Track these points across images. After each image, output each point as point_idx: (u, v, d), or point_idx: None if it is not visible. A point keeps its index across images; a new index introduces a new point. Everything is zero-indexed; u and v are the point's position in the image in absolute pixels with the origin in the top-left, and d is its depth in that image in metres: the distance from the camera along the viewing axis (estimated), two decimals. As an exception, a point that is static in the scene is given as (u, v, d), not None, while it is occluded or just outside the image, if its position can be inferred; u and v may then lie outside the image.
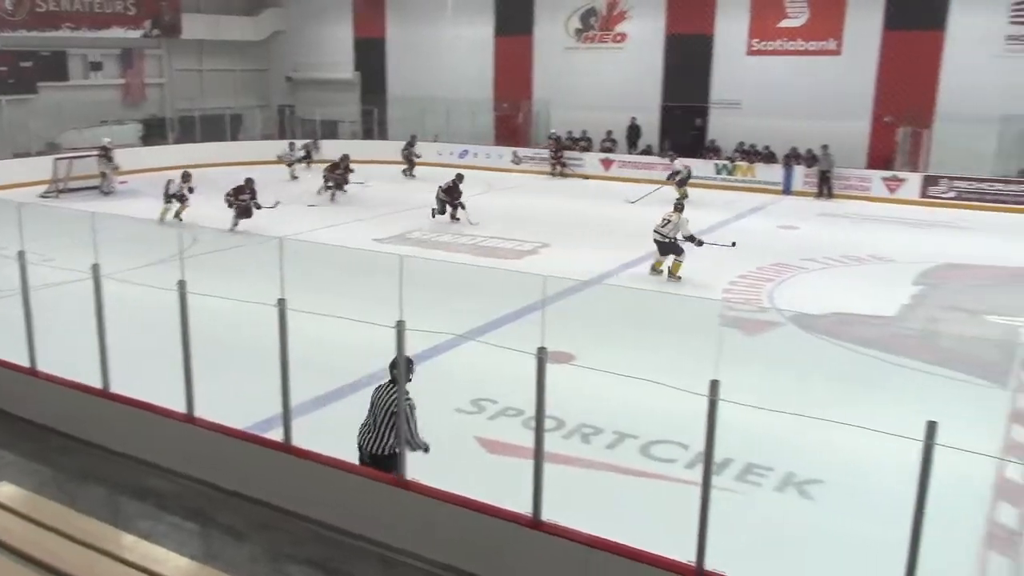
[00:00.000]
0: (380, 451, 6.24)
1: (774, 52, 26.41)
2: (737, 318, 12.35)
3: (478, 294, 13.05)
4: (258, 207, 17.59)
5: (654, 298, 12.89)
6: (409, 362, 6.11)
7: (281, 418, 6.43)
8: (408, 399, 6.10)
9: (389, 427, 6.17)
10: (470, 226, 18.49)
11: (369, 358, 9.12)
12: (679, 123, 27.90)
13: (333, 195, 22.15)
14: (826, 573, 6.12)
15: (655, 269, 14.64)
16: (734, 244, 14.65)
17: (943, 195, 22.82)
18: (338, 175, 22.27)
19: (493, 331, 11.03)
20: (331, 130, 31.37)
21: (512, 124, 30.64)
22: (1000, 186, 22.58)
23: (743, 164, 25.61)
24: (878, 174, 23.96)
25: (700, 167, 25.77)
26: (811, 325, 11.91)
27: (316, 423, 7.76)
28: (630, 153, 28.05)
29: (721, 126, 27.19)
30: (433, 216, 18.99)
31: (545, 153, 28.48)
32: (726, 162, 25.94)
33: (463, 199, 19.07)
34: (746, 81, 26.67)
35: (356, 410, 6.58)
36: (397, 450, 6.05)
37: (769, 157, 25.51)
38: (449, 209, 19.08)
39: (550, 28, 29.90)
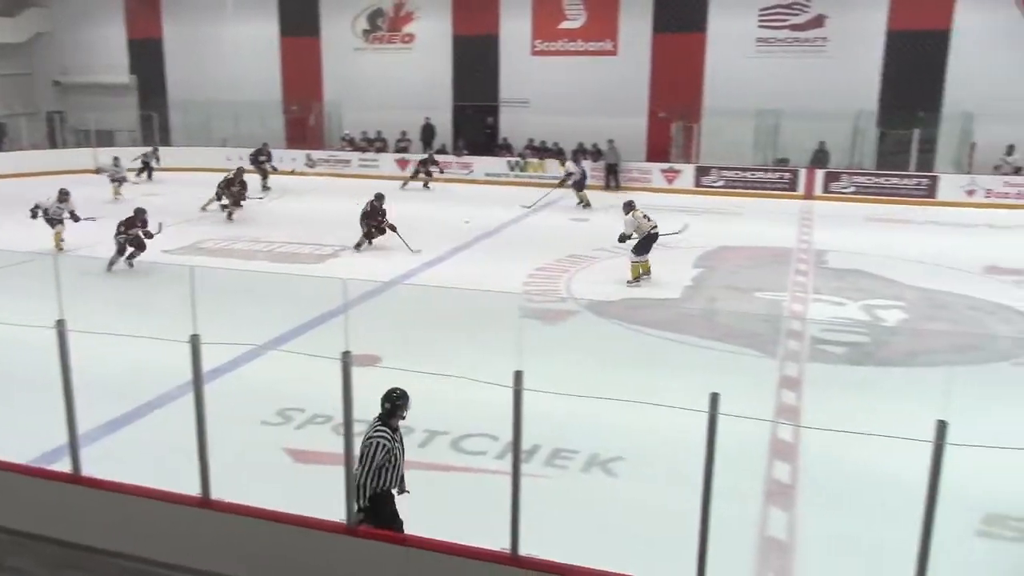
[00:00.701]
0: (365, 495, 5.59)
1: (557, 53, 27.36)
2: (537, 309, 12.71)
3: (278, 301, 12.68)
4: (150, 236, 14.74)
5: (456, 295, 13.02)
6: (402, 396, 5.65)
7: (68, 447, 5.97)
8: (382, 436, 5.56)
9: (370, 467, 5.55)
10: (411, 253, 15.85)
11: (163, 377, 8.68)
12: (472, 122, 28.36)
13: (230, 214, 19.43)
14: (633, 543, 6.43)
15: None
16: (680, 231, 15.08)
17: (714, 184, 24.54)
18: (235, 191, 19.62)
19: (296, 338, 10.76)
20: (107, 138, 29.33)
21: (304, 127, 29.95)
22: (760, 174, 24.62)
23: (534, 160, 26.37)
24: (657, 166, 25.43)
25: (494, 165, 26.43)
26: (605, 311, 12.48)
27: (108, 449, 7.26)
28: (425, 153, 28.16)
29: (512, 124, 27.88)
30: (359, 248, 16.36)
31: (341, 155, 28.12)
32: (518, 159, 26.61)
33: (390, 220, 16.47)
34: (533, 80, 27.50)
35: (150, 433, 6.22)
36: (379, 490, 5.57)
37: (558, 153, 26.42)
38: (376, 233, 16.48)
39: (337, 29, 29.45)
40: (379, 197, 16.68)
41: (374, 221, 16.41)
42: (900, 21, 24.13)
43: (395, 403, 5.66)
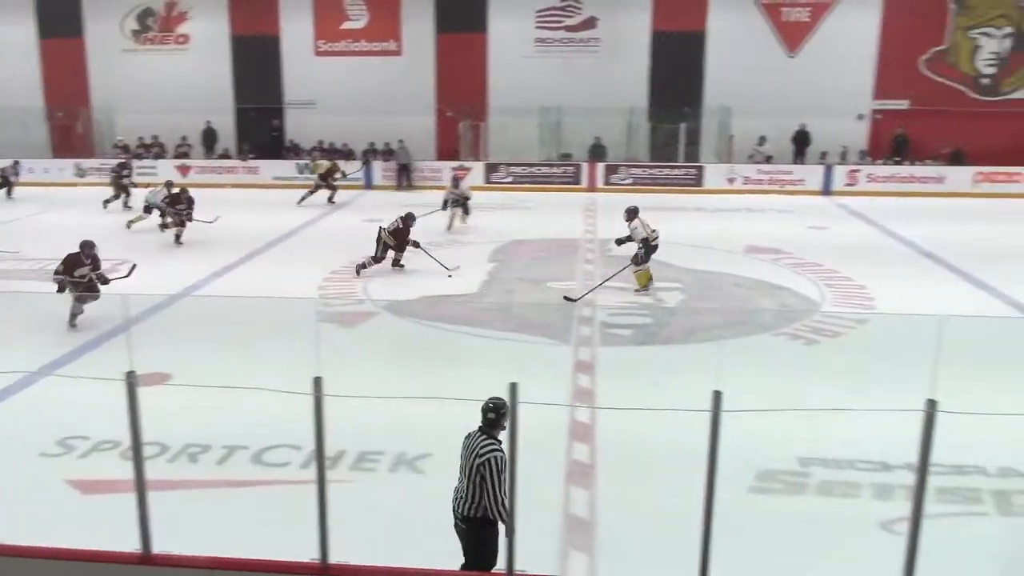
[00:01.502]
0: (472, 512, 5.29)
1: (341, 53, 26.98)
2: (334, 313, 12.49)
3: (50, 323, 11.67)
4: (106, 282, 11.66)
5: (249, 304, 12.55)
6: (502, 407, 5.20)
7: None
8: (497, 451, 5.20)
9: (478, 482, 5.24)
10: (447, 276, 14.24)
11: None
12: (256, 125, 27.38)
13: (178, 236, 16.98)
14: (445, 537, 6.47)
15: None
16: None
17: (503, 180, 25.14)
18: (181, 210, 17.10)
19: (74, 361, 9.97)
20: None
21: (71, 134, 27.73)
22: (546, 169, 25.47)
23: (323, 162, 25.84)
24: (447, 164, 25.67)
25: (282, 168, 25.65)
26: (404, 310, 12.46)
27: None
28: (207, 158, 26.90)
29: (299, 126, 27.21)
30: (360, 271, 14.45)
31: (115, 163, 26.25)
32: (307, 161, 25.99)
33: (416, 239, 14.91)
34: (318, 81, 26.96)
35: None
36: (490, 515, 5.21)
37: (348, 154, 26.05)
38: (393, 255, 14.81)
39: (103, 29, 27.53)
40: (410, 217, 14.97)
41: (402, 241, 14.71)
42: (662, 23, 25.76)
43: (499, 412, 5.28)
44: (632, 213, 13.81)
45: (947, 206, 22.27)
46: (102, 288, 11.45)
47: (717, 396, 4.65)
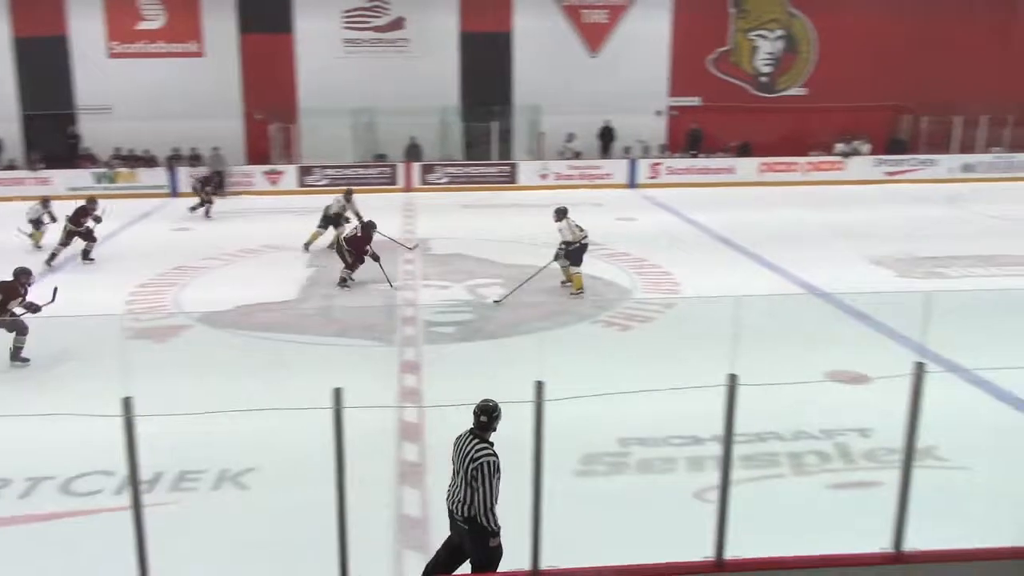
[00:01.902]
0: (471, 512, 5.24)
1: (138, 55, 25.43)
2: (144, 328, 11.79)
3: None
4: (36, 310, 10.42)
5: (49, 324, 11.62)
6: (493, 409, 5.25)
7: None
8: (490, 456, 5.19)
9: (473, 486, 5.20)
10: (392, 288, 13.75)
11: None
12: (47, 133, 25.27)
13: (87, 252, 15.80)
14: (274, 550, 6.27)
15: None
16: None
17: (318, 183, 24.55)
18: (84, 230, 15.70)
19: None
20: None
21: None
22: (362, 170, 25.15)
23: (124, 170, 24.30)
24: (259, 168, 24.82)
25: (78, 178, 23.81)
26: (219, 321, 11.93)
27: None
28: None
29: (95, 132, 25.36)
30: (346, 284, 13.86)
31: None
32: (104, 169, 24.32)
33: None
34: (114, 84, 25.25)
35: None
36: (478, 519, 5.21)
37: (151, 161, 24.63)
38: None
39: None
40: (372, 225, 14.25)
41: (362, 250, 13.89)
42: (470, 23, 26.04)
43: (491, 414, 5.30)
44: (561, 214, 13.62)
45: (738, 194, 23.88)
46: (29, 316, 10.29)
47: (539, 386, 4.78)
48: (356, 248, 13.92)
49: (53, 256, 15.23)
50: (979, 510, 6.73)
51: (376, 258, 13.89)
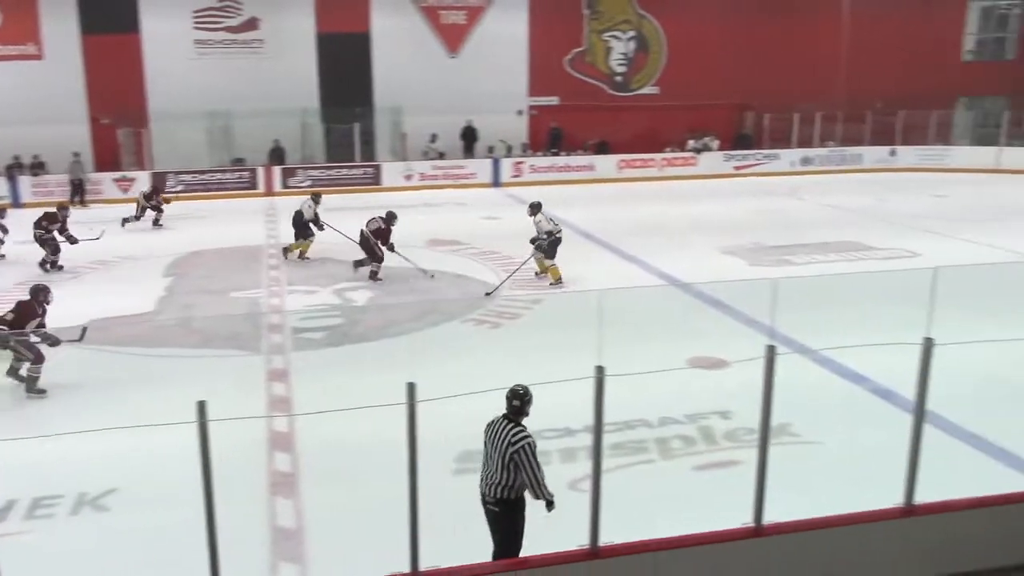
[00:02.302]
0: (507, 495, 5.42)
1: (-33, 58, 23.62)
2: (-14, 348, 10.95)
3: None
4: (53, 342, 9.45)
5: None
6: (525, 394, 5.44)
7: None
8: (528, 438, 5.37)
9: (512, 469, 5.36)
10: (425, 279, 14.10)
11: None
12: None
13: (53, 261, 15.01)
14: (140, 572, 5.98)
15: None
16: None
17: (173, 189, 23.49)
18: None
19: None
20: None
21: None
22: (219, 175, 24.27)
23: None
24: (109, 175, 23.54)
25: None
26: (71, 336, 11.22)
27: None
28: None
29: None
30: (375, 277, 14.08)
31: None
32: (-64, 181, 22.49)
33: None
34: (-60, 89, 23.37)
35: None
36: (534, 496, 5.42)
37: (-20, 170, 22.96)
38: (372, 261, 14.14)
39: None
40: (393, 216, 14.48)
41: (383, 242, 14.08)
42: (326, 24, 25.58)
43: (523, 399, 5.47)
44: (535, 208, 14.08)
45: (598, 191, 24.49)
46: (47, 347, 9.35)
47: (411, 388, 4.75)
48: (384, 239, 14.13)
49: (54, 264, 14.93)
50: (831, 479, 7.16)
51: (392, 249, 14.18)
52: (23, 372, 9.18)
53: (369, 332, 11.70)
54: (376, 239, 14.10)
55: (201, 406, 4.50)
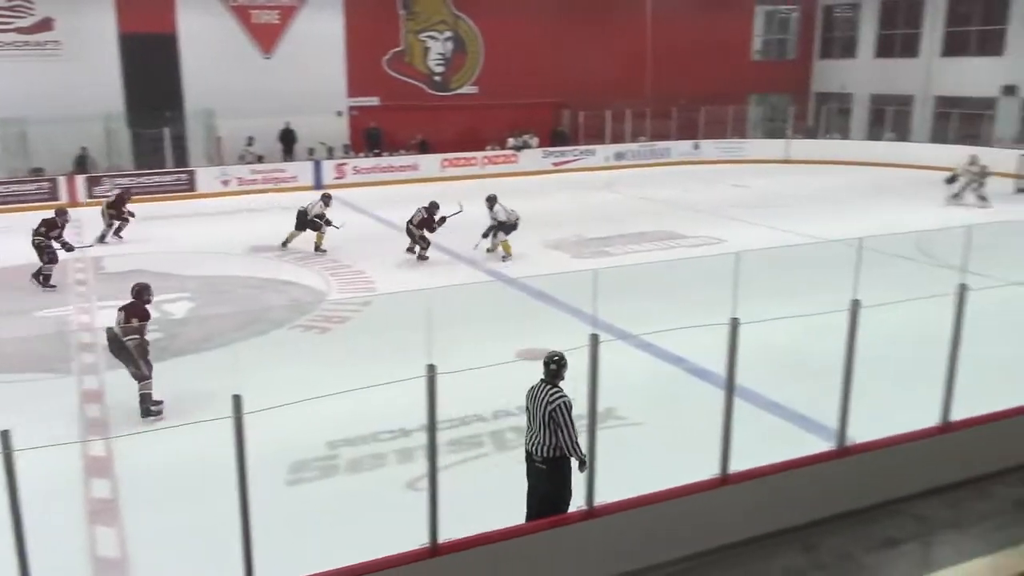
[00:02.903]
0: (551, 453, 5.86)
1: None
2: None
3: None
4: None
5: None
6: (561, 358, 5.84)
7: None
8: (564, 397, 5.79)
9: (552, 427, 5.80)
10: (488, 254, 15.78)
11: None
12: None
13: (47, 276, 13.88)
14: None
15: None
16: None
17: (-39, 202, 21.40)
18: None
19: None
20: None
21: None
22: (16, 186, 22.30)
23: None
24: None
25: None
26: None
27: None
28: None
29: None
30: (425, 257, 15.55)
31: None
32: None
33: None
34: None
35: None
36: (567, 452, 5.84)
37: None
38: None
39: None
40: (436, 205, 15.89)
41: (428, 229, 15.60)
42: (129, 24, 24.07)
43: (559, 363, 5.85)
44: (492, 201, 15.70)
45: (423, 191, 24.42)
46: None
47: (237, 400, 4.57)
48: (428, 227, 15.52)
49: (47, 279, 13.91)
50: (655, 457, 7.50)
51: (433, 229, 15.65)
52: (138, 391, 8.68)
53: (189, 345, 11.13)
54: (420, 228, 15.55)
55: (4, 436, 4.14)
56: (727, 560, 5.89)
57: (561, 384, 5.87)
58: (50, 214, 14.73)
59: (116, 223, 17.72)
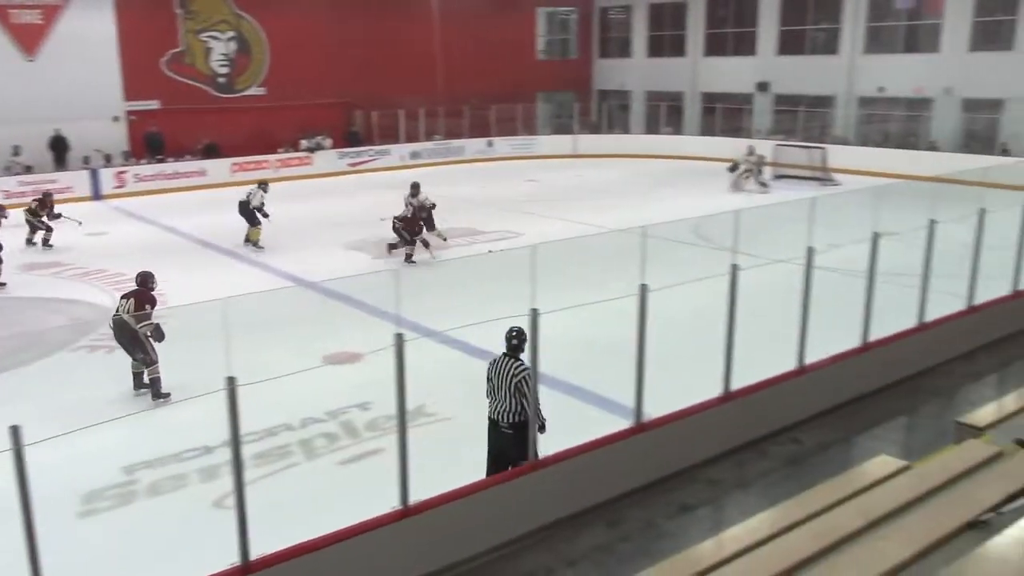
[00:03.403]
0: (517, 419, 6.31)
1: None
2: None
3: None
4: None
5: None
6: (522, 333, 6.25)
7: None
8: (527, 369, 6.20)
9: (518, 396, 6.28)
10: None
11: None
12: None
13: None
14: None
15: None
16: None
17: None
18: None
19: None
20: None
21: None
22: None
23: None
24: None
25: None
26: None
27: None
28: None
29: None
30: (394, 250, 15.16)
31: None
32: None
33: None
34: None
35: None
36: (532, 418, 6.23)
37: None
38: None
39: None
40: (415, 186, 16.02)
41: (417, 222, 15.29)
42: None
43: (520, 337, 6.32)
44: (418, 187, 16.12)
45: (212, 196, 23.33)
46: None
47: (15, 431, 4.18)
48: (409, 226, 15.08)
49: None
50: (467, 450, 7.60)
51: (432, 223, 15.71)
52: (146, 378, 8.96)
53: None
54: (404, 225, 15.13)
55: None
56: (539, 544, 6.09)
57: (521, 356, 6.36)
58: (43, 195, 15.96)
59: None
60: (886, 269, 8.33)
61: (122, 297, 9.23)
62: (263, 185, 16.71)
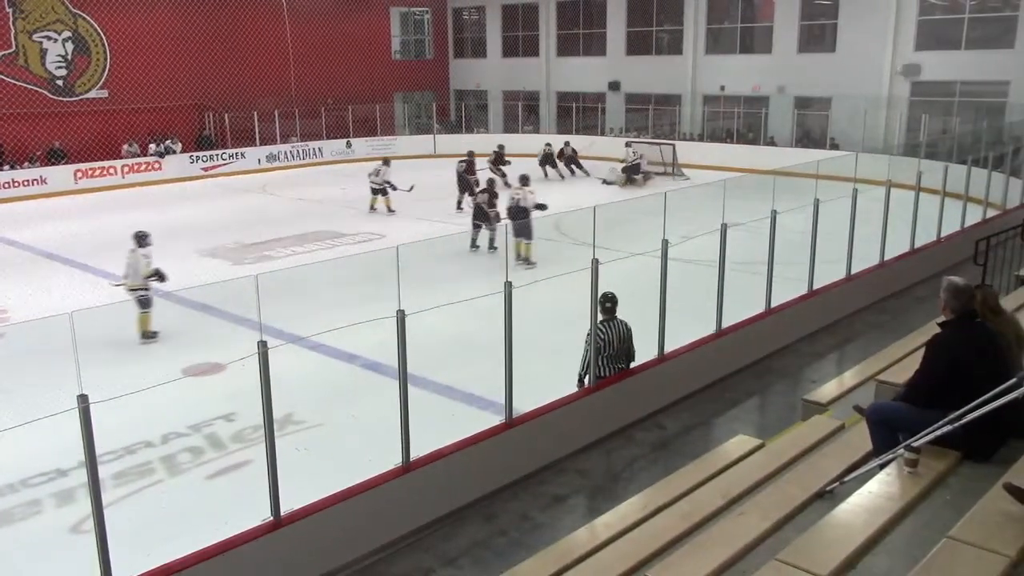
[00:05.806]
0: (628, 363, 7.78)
1: None
2: None
3: None
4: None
5: None
6: (614, 297, 7.47)
7: None
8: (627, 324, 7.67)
9: (630, 342, 7.69)
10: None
11: None
12: None
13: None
14: None
15: None
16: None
17: None
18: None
19: None
20: None
21: None
22: None
23: None
24: None
25: None
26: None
27: None
28: None
29: None
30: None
31: None
32: None
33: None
34: None
35: None
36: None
37: None
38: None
39: None
40: (470, 154, 18.79)
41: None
42: None
43: (613, 301, 7.45)
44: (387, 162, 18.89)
45: (55, 205, 21.87)
46: None
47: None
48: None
49: None
50: (338, 456, 7.46)
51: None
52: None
53: None
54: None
55: None
56: (416, 544, 6.04)
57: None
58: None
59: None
60: (735, 258, 8.76)
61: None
62: (387, 162, 20.02)
